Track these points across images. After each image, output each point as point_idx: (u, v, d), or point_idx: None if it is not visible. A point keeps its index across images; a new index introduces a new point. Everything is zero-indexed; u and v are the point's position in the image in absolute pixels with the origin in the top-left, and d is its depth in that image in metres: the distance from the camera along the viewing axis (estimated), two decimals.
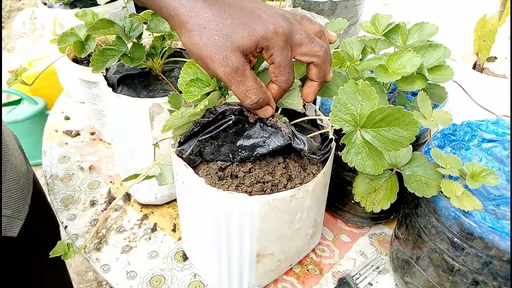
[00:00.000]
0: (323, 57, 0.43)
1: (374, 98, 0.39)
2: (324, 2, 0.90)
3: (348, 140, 0.41)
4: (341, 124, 0.41)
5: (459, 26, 0.87)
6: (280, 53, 0.40)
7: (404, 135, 0.39)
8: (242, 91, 0.41)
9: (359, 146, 0.41)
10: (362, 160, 0.42)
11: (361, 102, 0.40)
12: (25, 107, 1.88)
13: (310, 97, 0.46)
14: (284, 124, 0.45)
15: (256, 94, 0.41)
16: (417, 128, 0.39)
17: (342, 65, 0.54)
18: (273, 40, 0.39)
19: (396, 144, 0.40)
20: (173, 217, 0.68)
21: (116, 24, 0.55)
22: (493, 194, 0.45)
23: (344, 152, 0.42)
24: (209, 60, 0.40)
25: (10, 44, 3.00)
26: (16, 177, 0.65)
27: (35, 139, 1.94)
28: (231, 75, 0.40)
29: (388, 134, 0.40)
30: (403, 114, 0.38)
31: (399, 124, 0.39)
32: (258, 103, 0.42)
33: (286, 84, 0.43)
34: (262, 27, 0.39)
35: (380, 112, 0.39)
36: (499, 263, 0.41)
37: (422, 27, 0.54)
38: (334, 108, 0.41)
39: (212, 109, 0.46)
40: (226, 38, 0.39)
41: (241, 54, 0.39)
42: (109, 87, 0.59)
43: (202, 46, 0.39)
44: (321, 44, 0.42)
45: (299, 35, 0.41)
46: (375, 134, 0.40)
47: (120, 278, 0.58)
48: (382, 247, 0.62)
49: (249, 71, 0.40)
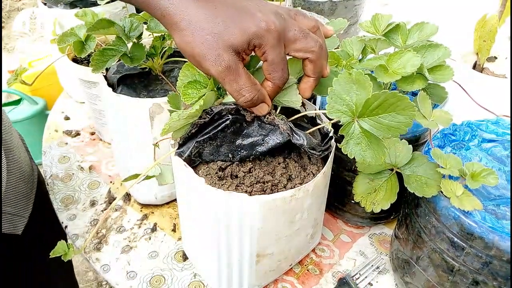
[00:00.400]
0: (318, 52, 0.42)
1: (368, 86, 0.39)
2: (324, 2, 0.90)
3: (346, 131, 0.41)
4: (337, 115, 0.41)
5: (459, 26, 0.87)
6: (273, 50, 0.40)
7: (401, 120, 0.39)
8: (235, 89, 0.41)
9: (357, 136, 0.41)
10: (362, 150, 0.41)
11: (355, 91, 0.40)
12: (25, 107, 1.88)
13: (307, 92, 0.46)
14: (281, 121, 0.45)
15: (250, 91, 0.41)
16: (414, 112, 0.39)
17: (338, 64, 0.54)
18: (265, 37, 0.39)
19: (394, 130, 0.39)
20: (173, 217, 0.68)
21: (116, 24, 0.55)
22: (493, 194, 0.45)
23: (343, 143, 0.41)
24: (202, 59, 0.40)
25: (10, 44, 3.00)
26: (20, 175, 0.65)
27: (35, 139, 1.94)
28: (224, 73, 0.40)
29: (385, 121, 0.40)
30: (399, 98, 0.38)
31: (395, 109, 0.39)
32: (252, 100, 0.42)
33: (280, 81, 0.43)
34: (254, 24, 0.39)
35: (375, 99, 0.39)
36: (499, 263, 0.41)
37: (422, 27, 0.54)
38: (330, 100, 0.41)
39: (208, 109, 0.46)
40: (218, 36, 0.39)
41: (233, 52, 0.39)
42: (109, 87, 0.59)
43: (194, 45, 0.39)
44: (315, 40, 0.42)
45: (292, 31, 0.41)
46: (372, 122, 0.40)
47: (120, 278, 0.58)
48: (382, 247, 0.62)
49: (242, 69, 0.40)
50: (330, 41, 0.58)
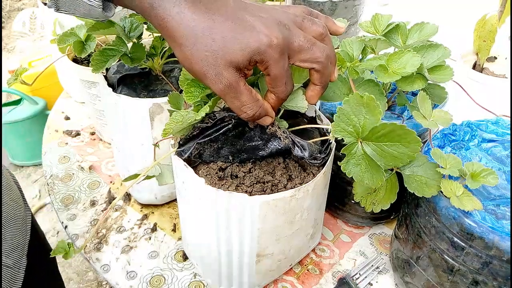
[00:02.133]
0: (325, 62, 0.41)
1: (378, 113, 0.39)
2: (324, 2, 0.90)
3: (348, 151, 0.42)
4: (343, 134, 0.41)
5: (459, 26, 0.87)
6: (276, 65, 0.38)
7: (405, 151, 0.39)
8: (237, 106, 0.40)
9: (359, 158, 0.41)
10: (361, 172, 0.42)
11: (364, 115, 0.40)
12: (25, 107, 1.88)
13: (313, 99, 0.44)
14: (283, 134, 0.45)
15: (251, 108, 0.40)
16: (419, 147, 0.39)
17: (342, 67, 0.54)
18: (267, 53, 0.37)
19: (396, 160, 0.40)
20: (173, 217, 0.68)
21: (116, 24, 0.55)
22: (493, 194, 0.45)
23: (343, 162, 0.42)
24: (202, 76, 0.38)
25: (10, 44, 3.00)
26: (15, 219, 0.60)
27: (35, 139, 1.95)
28: (224, 91, 0.39)
29: (389, 150, 0.40)
30: (406, 131, 0.38)
31: (400, 141, 0.39)
32: (254, 116, 0.41)
33: (283, 94, 0.41)
34: (255, 40, 0.37)
35: (383, 128, 0.39)
36: (499, 263, 0.41)
37: (422, 27, 0.54)
38: (337, 119, 0.41)
39: (212, 114, 0.46)
40: (217, 54, 0.37)
41: (234, 69, 0.38)
42: (109, 87, 0.59)
43: (193, 62, 0.38)
44: (322, 49, 0.40)
45: (297, 41, 0.39)
46: (376, 148, 0.40)
47: (120, 278, 0.58)
48: (382, 247, 0.62)
49: (243, 86, 0.39)
50: None
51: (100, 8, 0.40)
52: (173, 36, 0.38)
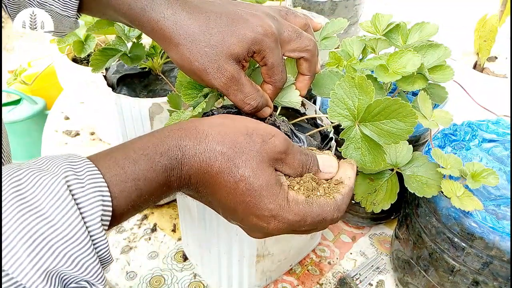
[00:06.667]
0: (313, 51, 0.42)
1: (371, 91, 0.39)
2: (324, 2, 0.90)
3: (347, 135, 0.41)
4: (339, 119, 0.41)
5: (459, 26, 0.87)
6: (272, 54, 0.39)
7: (403, 127, 0.39)
8: (240, 98, 0.40)
9: (358, 141, 0.41)
10: (362, 155, 0.41)
11: (358, 96, 0.40)
12: (25, 107, 1.88)
13: (303, 91, 0.46)
14: (282, 123, 0.45)
15: (255, 99, 0.41)
16: (416, 119, 0.38)
17: (339, 65, 0.54)
18: (263, 42, 0.39)
19: (395, 137, 0.39)
20: (173, 217, 0.68)
21: (116, 24, 0.55)
22: (494, 194, 0.45)
23: (343, 147, 0.42)
24: (203, 73, 0.39)
25: (10, 44, 3.00)
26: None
27: (35, 139, 1.94)
28: (227, 84, 0.39)
29: (386, 127, 0.39)
30: (401, 105, 0.38)
31: (397, 116, 0.39)
32: (257, 107, 0.42)
33: (280, 83, 0.42)
34: (251, 30, 0.38)
35: (377, 105, 0.39)
36: (499, 263, 0.41)
37: (423, 27, 0.54)
38: (331, 104, 0.41)
39: (209, 112, 0.46)
40: (217, 48, 0.38)
41: (234, 61, 0.39)
42: (109, 87, 0.59)
43: (193, 60, 0.38)
44: (309, 38, 0.42)
45: (287, 32, 0.41)
46: (373, 127, 0.40)
47: (120, 278, 0.58)
48: (382, 247, 0.62)
49: (244, 78, 0.40)
50: (330, 41, 0.58)
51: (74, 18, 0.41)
52: (169, 37, 0.38)
